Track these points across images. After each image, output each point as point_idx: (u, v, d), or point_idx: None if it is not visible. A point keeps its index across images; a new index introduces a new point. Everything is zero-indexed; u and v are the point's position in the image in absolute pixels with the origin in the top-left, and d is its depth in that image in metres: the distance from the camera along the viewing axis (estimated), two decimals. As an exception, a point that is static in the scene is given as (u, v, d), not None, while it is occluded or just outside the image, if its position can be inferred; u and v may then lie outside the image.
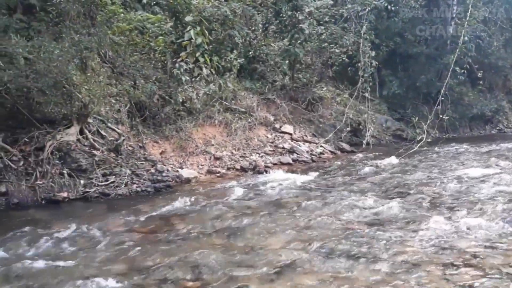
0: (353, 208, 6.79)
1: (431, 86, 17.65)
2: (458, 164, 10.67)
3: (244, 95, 13.02)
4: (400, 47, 17.79)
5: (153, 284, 4.21)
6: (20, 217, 6.70)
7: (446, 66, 16.13)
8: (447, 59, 16.20)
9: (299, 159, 11.96)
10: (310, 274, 4.35)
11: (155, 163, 9.44)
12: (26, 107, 8.16)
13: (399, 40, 17.53)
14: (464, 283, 4.04)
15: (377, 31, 16.40)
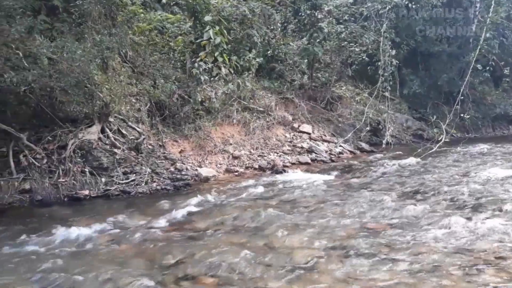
0: (372, 208, 6.74)
1: (452, 85, 17.33)
2: (480, 165, 10.47)
3: (262, 94, 13.04)
4: (421, 46, 17.53)
5: (172, 280, 4.26)
6: (44, 214, 6.87)
7: (468, 64, 15.83)
8: (469, 57, 15.89)
9: (317, 158, 11.92)
10: (328, 274, 4.33)
11: (175, 162, 9.54)
12: (50, 106, 8.33)
13: (420, 39, 17.27)
14: (486, 285, 3.97)
15: (398, 30, 16.21)
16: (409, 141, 15.18)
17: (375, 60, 14.77)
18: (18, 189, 7.44)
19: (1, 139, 7.79)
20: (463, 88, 14.03)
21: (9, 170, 7.55)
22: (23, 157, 7.73)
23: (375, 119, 14.55)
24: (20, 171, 7.62)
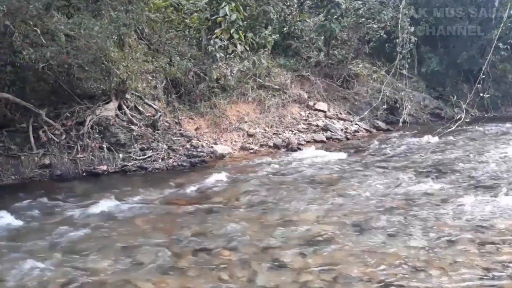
0: (388, 186, 6.74)
1: (472, 63, 16.90)
2: (499, 144, 10.31)
3: (278, 72, 12.93)
4: (441, 23, 17.07)
5: (190, 252, 4.35)
6: (63, 188, 7.02)
7: (489, 42, 15.39)
8: (490, 35, 15.45)
9: (333, 137, 11.85)
10: (343, 248, 4.37)
11: (191, 139, 9.61)
12: (67, 83, 8.42)
13: (439, 15, 16.80)
14: (501, 261, 3.96)
15: (417, 6, 15.77)
16: (426, 120, 14.94)
17: (393, 37, 14.43)
18: (38, 164, 7.61)
19: (21, 115, 7.93)
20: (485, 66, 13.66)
21: (29, 146, 7.71)
22: (42, 132, 7.86)
23: (392, 97, 14.33)
24: (39, 147, 7.77)
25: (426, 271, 3.79)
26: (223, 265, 4.03)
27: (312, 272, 3.82)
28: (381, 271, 3.80)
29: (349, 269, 3.87)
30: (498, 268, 3.83)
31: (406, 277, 3.69)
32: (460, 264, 3.93)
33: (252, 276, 3.79)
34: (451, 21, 17.08)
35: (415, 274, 3.74)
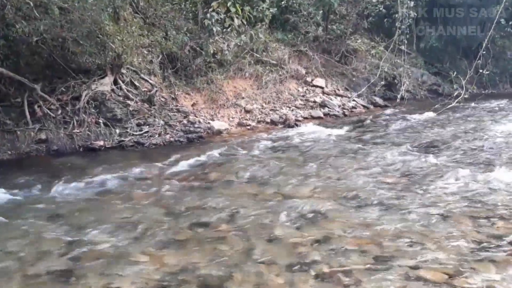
0: (385, 161, 6.76)
1: (472, 40, 16.75)
2: (496, 120, 10.33)
3: (275, 46, 12.78)
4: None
5: (187, 226, 4.38)
6: (60, 163, 7.02)
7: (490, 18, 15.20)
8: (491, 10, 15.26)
9: (330, 113, 11.82)
10: (338, 222, 4.41)
11: (187, 115, 9.56)
12: (62, 57, 8.30)
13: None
14: (496, 235, 4.01)
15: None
16: (424, 96, 14.89)
17: (392, 12, 14.24)
18: (34, 139, 7.57)
19: (16, 90, 7.85)
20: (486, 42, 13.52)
21: (25, 121, 7.65)
22: (38, 107, 7.81)
23: (390, 73, 14.23)
24: (35, 122, 7.72)
25: (421, 244, 3.83)
26: (220, 239, 4.07)
27: (308, 245, 3.86)
28: (377, 244, 3.84)
29: (344, 242, 3.90)
30: (492, 241, 3.88)
31: (401, 250, 3.73)
32: (455, 237, 3.97)
33: (249, 249, 3.82)
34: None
35: (411, 247, 3.78)
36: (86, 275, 3.43)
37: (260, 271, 3.44)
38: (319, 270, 3.42)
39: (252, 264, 3.55)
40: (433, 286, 3.17)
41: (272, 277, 3.34)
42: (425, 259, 3.56)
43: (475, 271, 3.35)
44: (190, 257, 3.69)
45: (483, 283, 3.16)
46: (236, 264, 3.57)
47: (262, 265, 3.53)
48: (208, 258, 3.66)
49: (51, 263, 3.64)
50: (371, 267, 3.45)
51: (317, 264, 3.52)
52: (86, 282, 3.32)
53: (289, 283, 3.25)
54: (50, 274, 3.48)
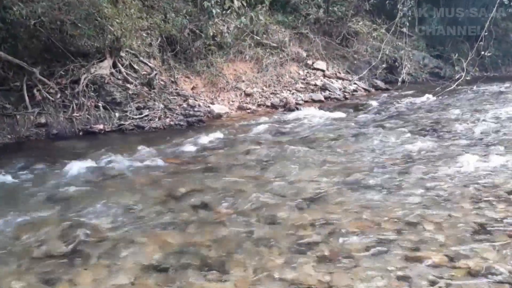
0: (385, 145, 6.75)
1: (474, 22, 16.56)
2: (497, 103, 10.28)
3: (276, 29, 12.67)
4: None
5: (187, 209, 4.38)
6: (60, 147, 7.02)
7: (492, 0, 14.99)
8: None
9: (331, 96, 11.78)
10: (339, 204, 4.41)
11: (187, 98, 9.52)
12: (60, 40, 8.24)
13: (442, -30, 16.32)
14: (496, 217, 4.01)
15: (419, -40, 15.27)
16: (425, 79, 14.80)
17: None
18: (34, 123, 7.56)
19: (14, 74, 7.81)
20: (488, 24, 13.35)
21: (24, 104, 7.62)
22: (37, 91, 7.77)
23: (392, 56, 14.14)
24: (34, 106, 7.69)
25: (421, 226, 3.84)
26: (221, 221, 4.07)
27: (308, 227, 3.86)
28: (377, 226, 3.85)
29: (344, 224, 3.91)
30: (493, 223, 3.88)
31: (401, 232, 3.74)
32: (455, 219, 3.97)
33: (249, 231, 3.83)
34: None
35: (410, 229, 3.79)
36: (88, 257, 3.44)
37: (260, 252, 3.45)
38: (320, 252, 3.43)
39: (252, 246, 3.56)
40: (434, 268, 3.17)
41: (272, 259, 3.35)
42: (425, 241, 3.56)
43: (475, 253, 3.35)
44: (191, 239, 3.70)
45: (483, 264, 3.17)
46: (237, 246, 3.58)
47: (262, 247, 3.54)
48: (209, 240, 3.67)
49: (54, 246, 3.65)
50: (371, 249, 3.46)
51: (317, 246, 3.53)
52: (89, 264, 3.34)
53: (290, 264, 3.26)
54: (53, 256, 3.49)
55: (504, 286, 2.92)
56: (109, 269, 3.28)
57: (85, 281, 3.12)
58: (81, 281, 3.12)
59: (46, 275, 3.20)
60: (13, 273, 3.23)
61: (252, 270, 3.21)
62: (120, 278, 3.14)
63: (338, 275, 3.11)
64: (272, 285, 3.01)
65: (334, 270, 3.17)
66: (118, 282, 3.09)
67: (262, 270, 3.19)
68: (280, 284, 3.02)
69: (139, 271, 3.22)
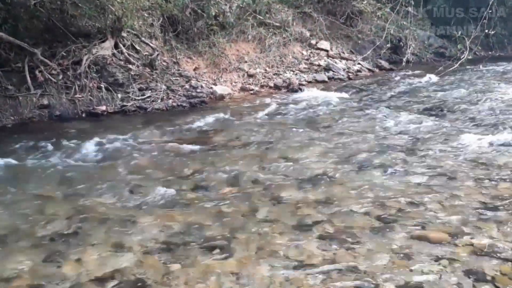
0: (389, 125, 6.72)
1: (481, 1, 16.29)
2: (502, 83, 10.16)
3: (279, 8, 12.49)
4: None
5: (191, 189, 4.40)
6: (63, 128, 7.00)
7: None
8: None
9: (335, 76, 11.67)
10: (343, 184, 4.42)
11: (190, 79, 9.46)
12: (61, 20, 8.16)
13: None
14: (499, 196, 4.01)
15: None
16: (430, 59, 14.61)
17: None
18: (36, 104, 7.53)
19: (16, 55, 7.75)
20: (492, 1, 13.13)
21: (26, 86, 7.59)
22: (39, 72, 7.71)
23: (396, 35, 13.95)
24: (37, 87, 7.65)
25: (424, 205, 3.84)
26: (224, 201, 4.08)
27: (311, 207, 3.87)
28: (380, 206, 3.86)
29: (348, 204, 3.92)
30: (495, 202, 3.88)
31: (404, 211, 3.74)
32: (459, 198, 3.97)
33: (253, 210, 3.85)
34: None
35: (414, 208, 3.79)
36: (93, 236, 3.47)
37: (264, 231, 3.47)
38: (323, 231, 3.45)
39: (256, 225, 3.58)
40: (437, 245, 3.18)
41: (276, 237, 3.37)
42: (428, 220, 3.58)
43: (478, 231, 3.36)
44: (194, 219, 3.72)
45: (486, 241, 3.18)
46: (240, 225, 3.60)
47: (266, 226, 3.56)
48: (213, 220, 3.69)
49: (59, 225, 3.67)
50: (374, 228, 3.47)
51: (320, 224, 3.54)
52: (94, 242, 3.37)
53: (293, 242, 3.28)
54: (58, 236, 3.51)
55: (507, 264, 2.94)
56: (114, 247, 3.30)
57: (90, 259, 3.15)
58: (87, 259, 3.15)
59: (52, 254, 3.23)
60: (19, 253, 3.26)
61: (255, 248, 3.23)
62: (126, 257, 3.17)
63: (342, 253, 3.12)
64: (275, 262, 3.03)
65: (338, 248, 3.19)
66: (123, 261, 3.12)
67: (265, 249, 3.21)
68: (283, 261, 3.04)
69: (144, 250, 3.25)
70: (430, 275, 2.83)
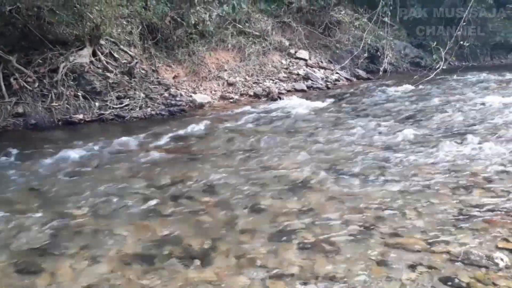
0: (366, 133, 6.80)
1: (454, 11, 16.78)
2: (476, 92, 10.44)
3: (258, 17, 12.60)
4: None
5: (170, 199, 4.35)
6: (38, 137, 6.89)
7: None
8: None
9: (313, 86, 11.81)
10: (322, 192, 4.44)
11: (169, 87, 9.42)
12: (38, 27, 8.04)
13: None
14: (473, 203, 4.09)
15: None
16: (406, 68, 14.98)
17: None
18: (11, 113, 7.40)
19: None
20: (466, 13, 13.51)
21: (0, 94, 7.43)
22: (14, 80, 7.58)
23: (374, 45, 14.23)
24: (11, 95, 7.52)
25: (401, 212, 3.90)
26: (204, 210, 4.06)
27: (291, 216, 3.88)
28: (358, 214, 3.89)
29: (326, 212, 3.94)
30: (470, 209, 3.96)
31: (382, 219, 3.79)
32: (435, 206, 4.04)
33: (232, 220, 3.84)
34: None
35: (391, 216, 3.84)
36: (69, 247, 3.39)
37: (243, 241, 3.46)
38: (302, 239, 3.45)
39: (235, 235, 3.56)
40: (413, 253, 3.23)
41: (255, 247, 3.36)
42: (405, 228, 3.62)
43: (454, 239, 3.42)
44: (173, 229, 3.68)
45: (462, 249, 3.24)
46: (220, 234, 3.58)
47: (245, 235, 3.55)
48: (191, 230, 3.67)
49: (33, 237, 3.59)
50: (352, 235, 3.50)
51: (300, 233, 3.55)
52: (69, 254, 3.29)
53: (273, 252, 3.27)
54: (32, 248, 3.43)
55: (481, 270, 2.99)
56: (90, 259, 3.24)
57: (66, 272, 3.09)
58: (62, 272, 3.08)
59: (26, 266, 3.15)
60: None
61: (234, 258, 3.21)
62: (101, 268, 3.11)
63: (320, 261, 3.13)
64: (254, 273, 3.02)
65: (316, 257, 3.20)
66: (99, 273, 3.06)
67: (244, 258, 3.20)
68: (262, 271, 3.03)
69: (120, 261, 3.20)
70: (407, 282, 2.87)
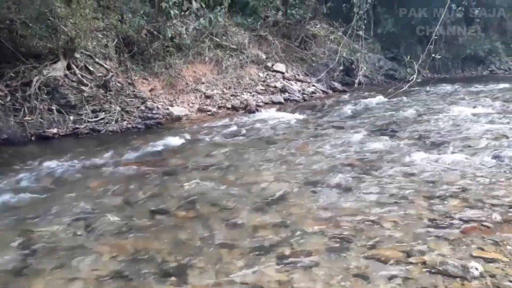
0: (342, 145, 6.87)
1: (426, 25, 17.27)
2: (448, 104, 10.70)
3: (235, 31, 12.68)
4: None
5: (145, 214, 4.28)
6: (10, 153, 6.70)
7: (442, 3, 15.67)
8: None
9: (290, 98, 11.90)
10: (299, 205, 4.45)
11: (145, 100, 9.34)
12: (10, 40, 7.89)
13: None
14: (448, 213, 4.16)
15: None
16: (380, 81, 15.27)
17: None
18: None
19: (-41, 75, 7.39)
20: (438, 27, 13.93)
21: (-30, 108, 7.23)
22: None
23: (349, 58, 14.48)
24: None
25: (378, 224, 3.93)
26: (181, 225, 4.01)
27: (269, 228, 3.87)
28: (336, 226, 3.91)
29: (304, 224, 3.95)
30: (445, 219, 4.03)
31: (359, 230, 3.81)
32: (411, 217, 4.09)
33: (210, 235, 3.79)
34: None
35: (369, 227, 3.87)
36: (42, 268, 3.29)
37: (221, 256, 3.42)
38: (280, 253, 3.44)
39: (213, 250, 3.52)
40: (391, 264, 3.25)
41: (233, 262, 3.33)
42: (383, 239, 3.65)
43: (430, 249, 3.46)
44: (149, 246, 3.61)
45: (438, 259, 3.28)
46: (197, 250, 3.53)
47: (223, 250, 3.52)
48: (168, 246, 3.61)
49: (5, 257, 3.47)
50: (330, 248, 3.51)
51: (278, 246, 3.54)
52: (42, 275, 3.19)
53: (251, 266, 3.25)
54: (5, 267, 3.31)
55: (456, 281, 3.03)
56: (64, 279, 3.15)
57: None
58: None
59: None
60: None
61: (212, 274, 3.17)
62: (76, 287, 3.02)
63: (299, 276, 3.13)
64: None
65: (295, 271, 3.19)
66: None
67: (222, 274, 3.16)
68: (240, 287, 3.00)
69: (95, 280, 3.12)
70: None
